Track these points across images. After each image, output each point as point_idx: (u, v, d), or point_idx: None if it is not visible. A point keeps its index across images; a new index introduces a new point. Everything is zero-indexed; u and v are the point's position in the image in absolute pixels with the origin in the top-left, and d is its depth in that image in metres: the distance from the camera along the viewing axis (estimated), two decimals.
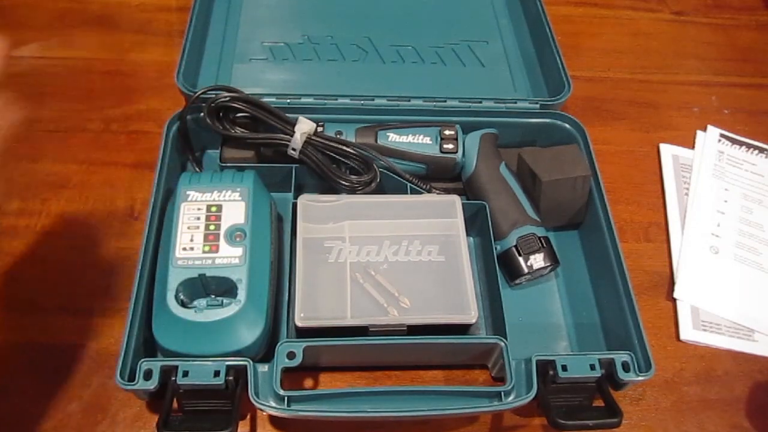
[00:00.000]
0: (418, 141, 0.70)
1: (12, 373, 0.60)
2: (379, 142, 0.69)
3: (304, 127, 0.67)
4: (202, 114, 0.67)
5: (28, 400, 0.57)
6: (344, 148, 0.67)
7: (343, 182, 0.66)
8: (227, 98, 0.67)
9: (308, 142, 0.66)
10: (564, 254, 0.68)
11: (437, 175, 0.71)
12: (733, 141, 0.85)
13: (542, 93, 0.80)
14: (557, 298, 0.67)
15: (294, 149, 0.67)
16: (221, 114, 0.68)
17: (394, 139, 0.70)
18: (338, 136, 0.69)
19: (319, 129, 0.69)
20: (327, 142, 0.67)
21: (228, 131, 0.68)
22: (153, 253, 0.61)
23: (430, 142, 0.69)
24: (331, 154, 0.67)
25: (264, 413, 0.58)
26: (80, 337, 0.62)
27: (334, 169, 0.67)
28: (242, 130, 0.68)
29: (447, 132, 0.70)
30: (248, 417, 0.59)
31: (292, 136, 0.66)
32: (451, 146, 0.69)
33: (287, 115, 0.68)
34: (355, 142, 0.69)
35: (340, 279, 0.60)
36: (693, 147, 0.84)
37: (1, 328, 0.62)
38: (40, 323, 0.63)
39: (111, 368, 0.53)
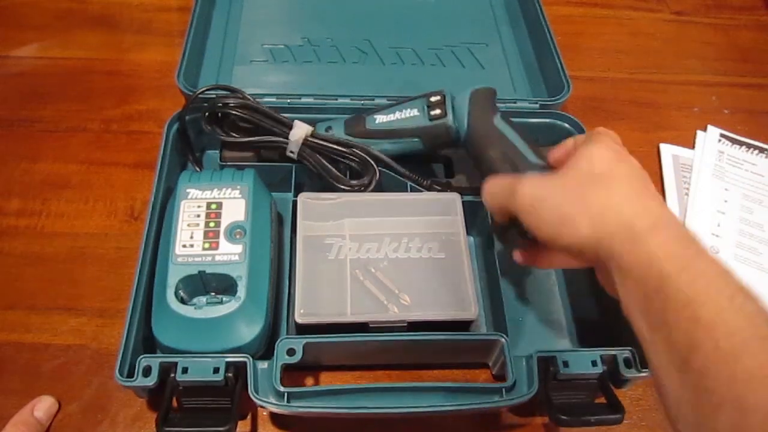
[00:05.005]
0: (406, 115, 0.67)
1: (11, 372, 0.60)
2: (367, 127, 0.68)
3: (299, 132, 0.66)
4: (201, 117, 0.68)
5: (28, 400, 0.57)
6: (342, 149, 0.66)
7: (343, 187, 0.66)
8: (221, 105, 0.67)
9: (306, 144, 0.66)
10: None
11: (435, 145, 0.68)
12: (733, 141, 0.85)
13: (542, 93, 0.80)
14: (558, 294, 0.67)
15: (292, 152, 0.67)
16: (219, 116, 0.68)
17: (382, 120, 0.68)
18: (328, 131, 0.68)
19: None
20: (324, 144, 0.66)
21: (226, 135, 0.68)
22: (153, 252, 0.61)
23: (418, 114, 0.67)
24: (330, 155, 0.67)
25: (264, 410, 0.58)
26: (80, 337, 0.62)
27: (333, 174, 0.66)
28: (237, 135, 0.68)
29: (433, 99, 0.66)
30: (248, 414, 0.59)
31: (288, 139, 0.66)
32: (438, 111, 0.66)
33: (287, 116, 0.68)
34: (351, 140, 0.67)
35: (340, 276, 0.60)
36: (693, 147, 0.84)
37: (1, 328, 0.62)
38: (40, 323, 0.63)
39: (111, 368, 0.53)
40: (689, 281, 0.39)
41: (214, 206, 0.60)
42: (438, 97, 0.66)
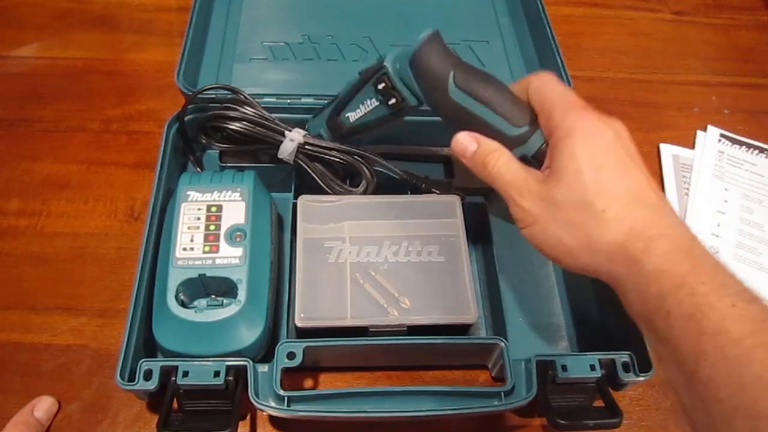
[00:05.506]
0: (369, 108, 0.61)
1: (11, 372, 0.60)
2: (345, 126, 0.64)
3: (289, 145, 0.65)
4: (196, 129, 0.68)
5: (28, 400, 0.57)
6: (338, 154, 0.66)
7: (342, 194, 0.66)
8: (213, 117, 0.67)
9: (300, 151, 0.66)
10: None
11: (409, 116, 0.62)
12: (733, 141, 0.85)
13: None
14: (557, 298, 0.67)
15: (288, 158, 0.66)
16: (213, 126, 0.68)
17: (353, 117, 0.63)
18: (319, 138, 0.67)
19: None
20: (319, 150, 0.66)
21: (221, 144, 0.68)
22: (153, 253, 0.61)
23: (378, 104, 0.60)
24: (326, 159, 0.67)
25: (264, 413, 0.58)
26: (80, 337, 0.62)
27: (330, 183, 0.66)
28: (230, 144, 0.68)
29: (380, 87, 0.58)
30: (248, 417, 0.59)
31: (281, 145, 0.66)
32: (394, 100, 0.58)
33: (286, 116, 0.68)
34: (345, 144, 0.67)
35: (340, 279, 0.60)
36: (693, 147, 0.84)
37: (1, 328, 0.62)
38: (40, 323, 0.63)
39: (111, 368, 0.53)
40: (689, 295, 0.39)
41: (214, 209, 0.60)
42: (383, 84, 0.58)
